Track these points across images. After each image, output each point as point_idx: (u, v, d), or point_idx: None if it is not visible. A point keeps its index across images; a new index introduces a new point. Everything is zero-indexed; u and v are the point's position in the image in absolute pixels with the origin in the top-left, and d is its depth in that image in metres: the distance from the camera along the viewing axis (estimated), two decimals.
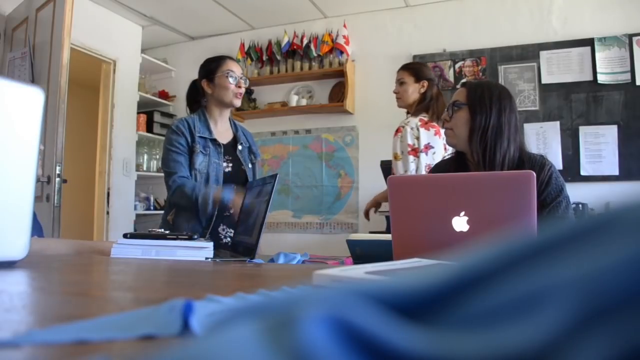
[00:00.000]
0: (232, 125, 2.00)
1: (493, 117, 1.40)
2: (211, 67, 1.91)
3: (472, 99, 1.43)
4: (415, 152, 2.27)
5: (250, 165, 1.98)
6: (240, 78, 1.90)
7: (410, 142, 2.28)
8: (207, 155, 1.83)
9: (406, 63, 2.59)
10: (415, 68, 2.49)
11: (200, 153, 1.81)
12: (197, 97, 1.98)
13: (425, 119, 2.31)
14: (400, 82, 2.42)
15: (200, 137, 1.84)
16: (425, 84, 2.42)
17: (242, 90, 1.90)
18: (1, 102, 0.68)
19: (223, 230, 1.88)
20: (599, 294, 0.13)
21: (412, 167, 2.25)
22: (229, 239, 1.85)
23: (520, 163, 1.39)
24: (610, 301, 0.13)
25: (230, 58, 1.95)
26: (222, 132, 1.92)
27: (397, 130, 2.31)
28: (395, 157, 2.29)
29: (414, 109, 2.38)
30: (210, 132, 1.86)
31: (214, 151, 1.86)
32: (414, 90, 2.41)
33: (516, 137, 1.42)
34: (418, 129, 2.28)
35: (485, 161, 1.39)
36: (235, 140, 1.97)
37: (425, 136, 2.28)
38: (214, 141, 1.86)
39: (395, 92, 2.45)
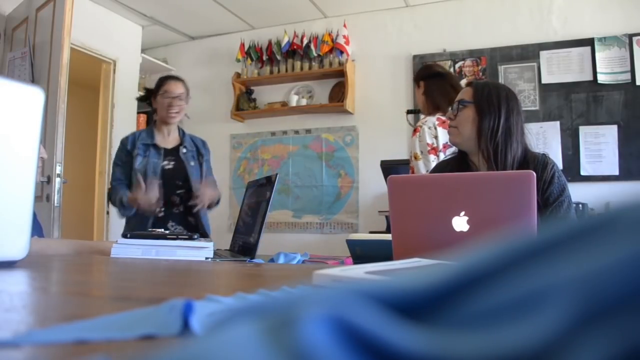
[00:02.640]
0: (180, 134, 2.33)
1: (502, 118, 1.40)
2: (156, 86, 2.25)
3: (479, 98, 1.43)
4: (435, 151, 2.26)
5: (192, 163, 2.27)
6: (175, 97, 2.18)
7: (429, 141, 2.27)
8: (145, 157, 2.18)
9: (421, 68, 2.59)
10: (416, 74, 2.52)
11: (138, 155, 2.17)
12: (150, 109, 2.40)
13: (443, 117, 2.28)
14: (417, 86, 2.42)
15: (142, 143, 2.21)
16: (421, 84, 2.42)
17: (175, 109, 2.18)
18: (1, 102, 0.68)
19: (172, 227, 2.17)
20: (598, 294, 0.13)
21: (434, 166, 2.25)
22: None
23: (524, 162, 1.40)
24: (610, 301, 0.13)
25: (173, 78, 2.28)
26: (169, 139, 2.27)
27: (415, 130, 2.31)
28: (416, 157, 2.27)
29: (426, 111, 2.38)
30: (152, 138, 2.22)
31: (154, 153, 2.21)
32: (419, 96, 2.44)
33: (522, 138, 1.43)
34: (436, 128, 2.27)
35: (496, 162, 1.39)
36: (180, 145, 2.31)
37: (443, 135, 2.25)
38: (155, 146, 2.22)
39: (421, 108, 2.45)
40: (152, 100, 2.25)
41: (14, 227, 0.70)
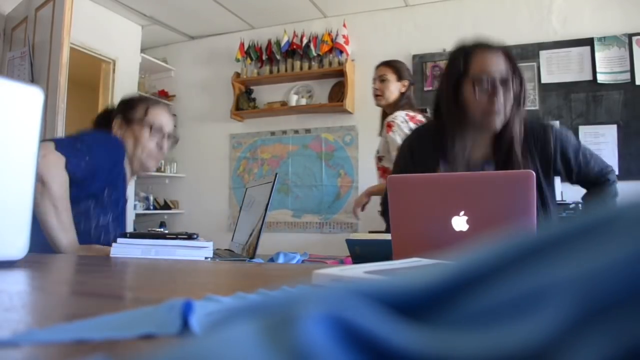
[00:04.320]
0: None
1: (520, 86, 1.25)
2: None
3: (514, 71, 1.25)
4: None
5: None
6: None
7: (408, 132, 2.27)
8: None
9: (386, 60, 2.50)
10: (397, 67, 2.44)
11: None
12: None
13: (411, 114, 2.28)
14: (381, 79, 2.35)
15: None
16: (406, 83, 2.39)
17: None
18: (1, 102, 0.68)
19: None
20: (598, 293, 0.13)
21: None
22: None
23: (524, 137, 1.27)
24: (610, 300, 0.13)
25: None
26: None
27: (389, 126, 2.24)
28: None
29: (396, 107, 2.33)
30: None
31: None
32: (395, 89, 2.37)
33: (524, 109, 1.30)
34: (407, 122, 2.24)
35: (502, 138, 1.25)
36: None
37: None
38: None
39: (376, 89, 2.36)
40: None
41: (13, 226, 0.70)
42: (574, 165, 1.32)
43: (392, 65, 2.42)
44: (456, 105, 1.27)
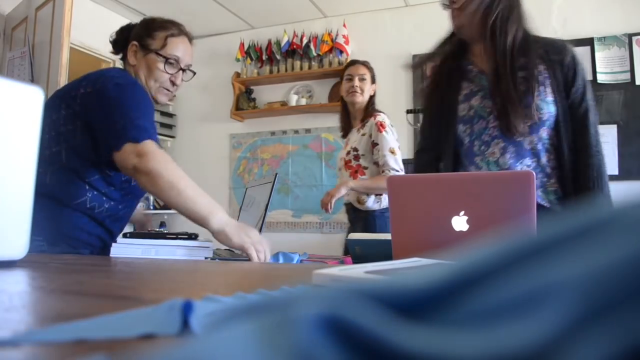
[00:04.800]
0: None
1: None
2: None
3: None
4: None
5: None
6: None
7: (396, 137, 2.32)
8: None
9: (363, 60, 2.55)
10: (372, 69, 2.51)
11: None
12: None
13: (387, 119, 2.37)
14: (361, 78, 2.39)
15: None
16: (375, 87, 2.46)
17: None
18: (1, 102, 0.68)
19: None
20: (599, 293, 0.13)
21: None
22: None
23: (526, 45, 1.30)
24: (611, 300, 0.13)
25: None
26: None
27: (382, 126, 2.29)
28: (392, 151, 2.25)
29: (367, 108, 2.40)
30: None
31: None
32: (368, 90, 2.43)
33: (522, 21, 1.33)
34: (391, 127, 2.33)
35: (495, 44, 1.30)
36: None
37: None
38: None
39: (355, 86, 2.39)
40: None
41: (13, 226, 0.70)
42: (571, 90, 1.29)
43: (369, 67, 2.49)
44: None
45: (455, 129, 1.36)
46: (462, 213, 0.78)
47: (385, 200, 2.28)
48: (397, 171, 2.21)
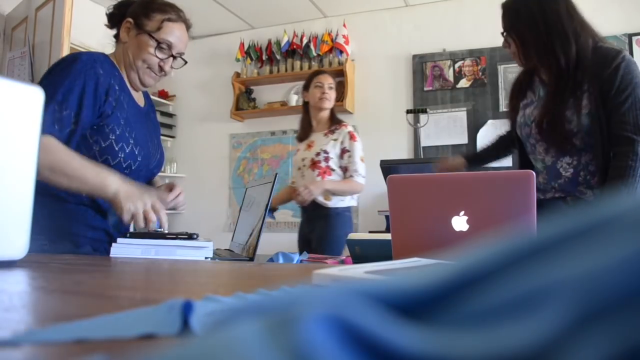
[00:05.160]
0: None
1: (541, 26, 1.43)
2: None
3: (511, 23, 1.47)
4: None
5: None
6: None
7: (362, 147, 2.58)
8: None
9: (330, 71, 2.77)
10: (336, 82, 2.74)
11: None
12: None
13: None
14: (329, 87, 2.59)
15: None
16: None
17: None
18: (0, 102, 0.68)
19: None
20: (598, 293, 0.13)
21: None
22: None
23: (580, 63, 1.42)
24: (610, 300, 0.13)
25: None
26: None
27: (354, 136, 2.55)
28: (362, 159, 2.53)
29: (336, 118, 2.64)
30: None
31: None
32: (333, 99, 2.65)
33: (569, 38, 1.44)
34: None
35: (551, 68, 1.43)
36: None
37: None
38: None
39: (325, 94, 2.58)
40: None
41: (13, 226, 0.70)
42: (608, 97, 1.37)
43: (334, 78, 2.72)
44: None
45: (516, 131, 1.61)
46: (462, 213, 0.78)
47: (347, 200, 2.53)
48: (364, 177, 2.52)
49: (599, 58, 1.40)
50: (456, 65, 3.74)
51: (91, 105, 1.24)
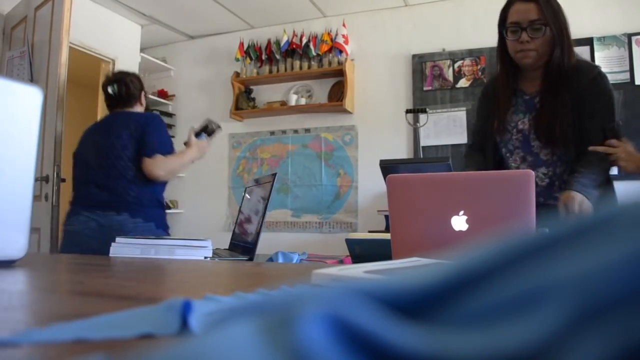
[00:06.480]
0: None
1: (563, 26, 1.44)
2: None
3: (549, 14, 1.44)
4: None
5: None
6: None
7: None
8: None
9: None
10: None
11: None
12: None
13: None
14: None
15: None
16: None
17: None
18: (0, 102, 0.68)
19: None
20: (597, 293, 0.13)
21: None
22: None
23: (569, 74, 1.44)
24: (609, 300, 0.13)
25: None
26: None
27: None
28: None
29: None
30: None
31: None
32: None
33: (571, 45, 1.46)
34: None
35: (551, 74, 1.44)
36: None
37: None
38: None
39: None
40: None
41: (12, 226, 0.70)
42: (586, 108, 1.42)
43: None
44: (502, 50, 1.59)
45: (494, 137, 1.60)
46: (461, 213, 0.78)
47: None
48: None
49: (577, 70, 1.46)
50: (456, 65, 3.74)
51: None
